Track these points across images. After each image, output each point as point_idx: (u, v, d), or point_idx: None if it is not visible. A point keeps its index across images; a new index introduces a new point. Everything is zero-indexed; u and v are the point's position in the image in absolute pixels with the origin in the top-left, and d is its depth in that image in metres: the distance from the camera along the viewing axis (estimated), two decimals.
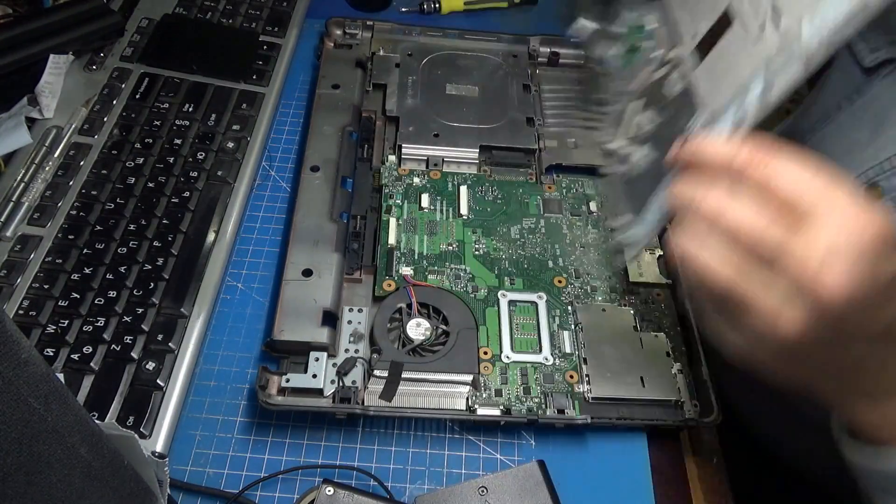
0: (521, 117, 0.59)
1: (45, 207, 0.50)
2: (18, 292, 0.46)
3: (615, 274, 0.51)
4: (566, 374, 0.46)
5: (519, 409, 0.44)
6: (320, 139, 0.55)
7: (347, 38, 0.64)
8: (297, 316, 0.45)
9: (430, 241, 0.51)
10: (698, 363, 0.46)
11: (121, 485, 0.32)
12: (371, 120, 0.59)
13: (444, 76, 0.62)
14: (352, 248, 0.50)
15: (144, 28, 0.63)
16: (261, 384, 0.42)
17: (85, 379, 0.43)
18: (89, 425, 0.28)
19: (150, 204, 0.51)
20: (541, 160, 0.58)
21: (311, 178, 0.52)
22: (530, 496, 0.40)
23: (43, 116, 0.56)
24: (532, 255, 0.52)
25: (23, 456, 0.23)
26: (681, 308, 0.50)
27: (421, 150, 0.56)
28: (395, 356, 0.45)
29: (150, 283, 0.47)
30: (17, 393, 0.22)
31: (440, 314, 0.47)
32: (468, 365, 0.45)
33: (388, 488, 0.42)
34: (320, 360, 0.44)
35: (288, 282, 0.46)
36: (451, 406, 0.44)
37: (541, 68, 0.65)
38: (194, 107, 0.58)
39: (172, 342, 0.45)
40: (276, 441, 0.44)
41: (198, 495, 0.42)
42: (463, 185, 0.55)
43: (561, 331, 0.48)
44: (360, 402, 0.43)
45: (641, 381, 0.45)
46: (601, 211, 0.55)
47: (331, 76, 0.59)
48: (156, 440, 0.42)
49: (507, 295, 0.49)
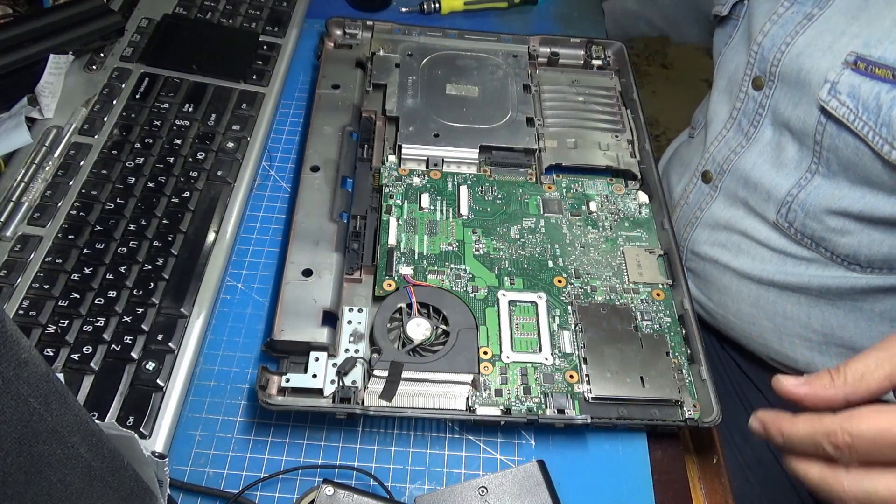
0: (521, 117, 0.59)
1: (45, 207, 0.50)
2: (18, 292, 0.46)
3: (615, 274, 0.51)
4: (566, 373, 0.46)
5: (519, 409, 0.44)
6: (320, 139, 0.54)
7: (347, 39, 0.64)
8: (297, 316, 0.45)
9: (430, 241, 0.51)
10: (698, 363, 0.47)
11: (121, 485, 0.32)
12: (371, 120, 0.59)
13: (444, 76, 0.62)
14: (352, 248, 0.50)
15: (144, 28, 0.63)
16: (261, 384, 0.42)
17: (85, 379, 0.43)
18: (89, 425, 0.28)
19: (150, 204, 0.51)
20: (541, 160, 0.58)
21: (311, 179, 0.52)
22: (530, 496, 0.40)
23: (43, 116, 0.56)
24: (532, 255, 0.52)
25: (23, 456, 0.23)
26: (680, 308, 0.50)
27: (421, 151, 0.56)
28: (395, 356, 0.45)
29: (150, 283, 0.47)
30: (17, 393, 0.22)
31: (440, 314, 0.47)
32: (468, 365, 0.45)
33: (388, 488, 0.42)
34: (320, 360, 0.44)
35: (288, 282, 0.46)
36: (451, 406, 0.44)
37: (541, 68, 0.65)
38: (194, 107, 0.58)
39: (172, 342, 0.45)
40: (275, 441, 0.44)
41: (197, 495, 0.42)
42: (463, 185, 0.55)
43: (561, 331, 0.48)
44: (360, 402, 0.43)
45: (641, 381, 0.45)
46: (600, 211, 0.55)
47: (331, 76, 0.59)
48: (156, 440, 0.42)
49: (507, 295, 0.49)
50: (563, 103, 0.62)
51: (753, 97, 0.59)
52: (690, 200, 0.67)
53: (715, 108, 0.65)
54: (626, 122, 0.61)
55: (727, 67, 0.64)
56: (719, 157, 0.63)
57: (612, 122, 0.61)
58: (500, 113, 0.60)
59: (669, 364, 0.47)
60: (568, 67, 0.66)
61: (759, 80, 0.58)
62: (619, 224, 0.55)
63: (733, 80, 0.62)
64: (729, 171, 0.62)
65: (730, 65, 0.64)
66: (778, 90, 0.57)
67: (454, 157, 0.57)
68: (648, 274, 0.51)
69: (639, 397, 0.45)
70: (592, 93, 0.63)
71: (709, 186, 0.64)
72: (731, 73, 0.63)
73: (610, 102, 0.63)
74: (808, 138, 0.54)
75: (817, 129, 0.53)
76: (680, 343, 0.48)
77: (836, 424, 0.32)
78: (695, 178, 0.66)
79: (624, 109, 0.62)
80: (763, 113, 0.59)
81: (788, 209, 0.57)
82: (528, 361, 0.46)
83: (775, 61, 0.56)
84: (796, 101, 0.55)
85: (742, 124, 0.61)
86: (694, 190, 0.66)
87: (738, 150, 0.61)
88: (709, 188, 0.64)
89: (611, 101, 0.63)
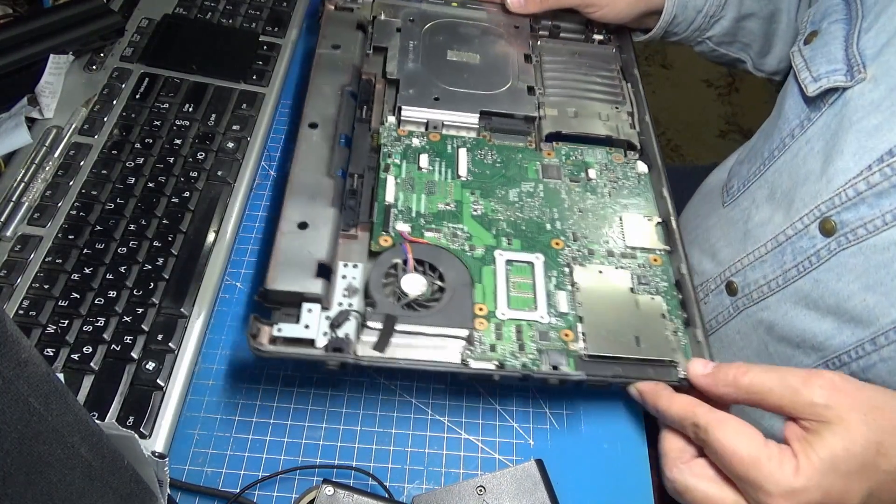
0: (521, 86, 0.59)
1: (45, 207, 0.51)
2: (18, 292, 0.46)
3: (613, 239, 0.51)
4: (562, 332, 0.45)
5: (513, 365, 0.43)
6: (319, 97, 0.53)
7: (349, 2, 0.63)
8: (290, 266, 0.44)
9: (428, 200, 0.51)
10: (694, 325, 0.46)
11: (121, 485, 0.32)
12: (371, 83, 0.59)
13: (445, 42, 0.62)
14: (348, 206, 0.50)
15: (144, 28, 0.63)
16: (252, 333, 0.41)
17: (85, 379, 0.43)
18: (89, 425, 0.28)
19: (150, 204, 0.51)
20: (541, 128, 0.57)
21: (309, 135, 0.51)
22: (528, 495, 0.40)
23: (43, 116, 0.56)
24: (530, 218, 0.52)
25: (23, 456, 0.23)
26: (677, 274, 0.49)
27: (421, 113, 0.56)
28: (389, 309, 0.44)
29: (150, 283, 0.47)
30: (17, 393, 0.22)
31: (436, 271, 0.47)
32: (463, 320, 0.44)
33: (387, 487, 0.42)
34: (313, 312, 0.43)
35: (283, 233, 0.45)
36: (444, 359, 0.43)
37: (542, 40, 0.65)
38: (194, 107, 0.58)
39: (172, 342, 0.45)
40: (274, 440, 0.44)
41: (196, 495, 0.42)
42: (462, 148, 0.55)
43: (557, 291, 0.47)
44: (353, 352, 0.42)
45: (636, 342, 0.45)
46: (599, 178, 0.55)
47: (331, 37, 0.58)
48: (156, 440, 0.42)
49: (505, 254, 0.49)
50: (564, 74, 0.62)
51: (812, 237, 0.49)
52: (709, 302, 0.59)
53: (768, 211, 0.54)
54: (626, 95, 0.61)
55: (796, 164, 0.52)
56: (751, 278, 0.54)
57: (612, 94, 0.61)
58: (501, 80, 0.60)
59: (664, 326, 0.46)
60: (569, 41, 0.66)
61: (829, 224, 0.47)
62: (618, 191, 0.54)
63: (797, 190, 0.51)
64: (756, 304, 0.54)
65: (801, 166, 0.51)
66: (850, 254, 0.46)
67: (454, 121, 0.56)
68: (646, 240, 0.51)
69: (634, 357, 0.44)
70: (593, 65, 0.63)
71: (731, 301, 0.56)
72: (797, 177, 0.51)
73: (611, 76, 0.63)
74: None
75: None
76: (676, 307, 0.48)
77: (704, 420, 0.38)
78: (720, 281, 0.57)
79: (624, 83, 0.62)
80: (815, 264, 0.49)
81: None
82: (524, 319, 0.45)
83: (870, 225, 0.45)
84: (868, 283, 0.45)
85: (785, 256, 0.51)
86: (714, 293, 0.58)
87: (772, 286, 0.52)
88: (731, 303, 0.56)
89: (612, 75, 0.63)
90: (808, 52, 0.52)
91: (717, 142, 1.74)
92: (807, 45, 0.53)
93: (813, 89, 0.50)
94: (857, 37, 0.49)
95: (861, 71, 0.48)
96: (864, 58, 0.48)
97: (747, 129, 1.77)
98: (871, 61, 0.48)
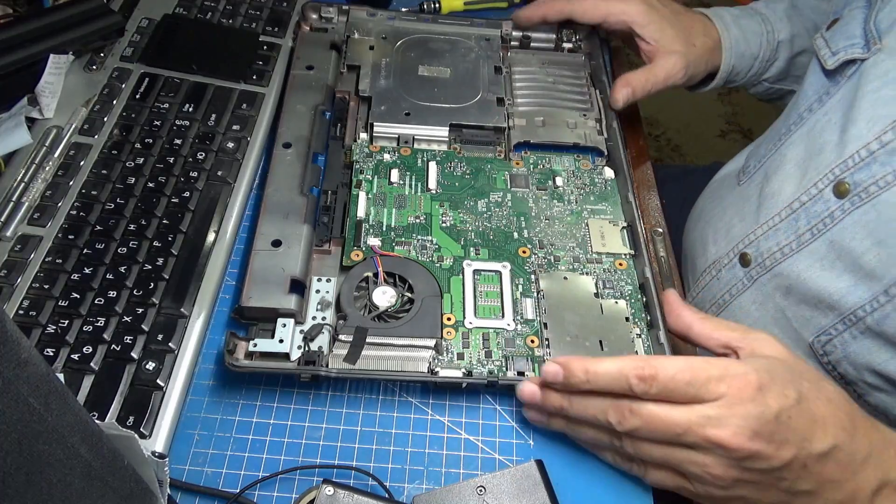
0: (491, 97, 0.61)
1: (45, 207, 0.50)
2: (18, 292, 0.46)
3: (579, 245, 0.52)
4: (527, 338, 0.47)
5: (480, 372, 0.45)
6: (293, 117, 0.56)
7: (323, 23, 0.65)
8: (265, 284, 0.46)
9: (399, 214, 0.53)
10: (657, 328, 0.47)
11: (121, 485, 0.32)
12: (345, 100, 0.60)
13: (416, 58, 0.63)
14: (322, 222, 0.52)
15: (144, 28, 0.63)
16: (228, 349, 0.43)
17: (85, 379, 0.43)
18: (89, 425, 0.28)
19: (150, 204, 0.51)
20: (510, 138, 0.59)
21: (282, 154, 0.53)
22: (528, 496, 0.40)
23: (43, 116, 0.56)
24: (498, 228, 0.53)
25: (23, 456, 0.23)
26: (641, 277, 0.51)
27: (392, 129, 0.58)
28: (360, 322, 0.46)
29: (150, 283, 0.47)
30: (17, 393, 0.22)
31: (406, 283, 0.49)
32: (431, 330, 0.46)
33: (387, 487, 0.42)
34: (287, 327, 0.45)
35: (257, 252, 0.47)
36: (413, 369, 0.45)
37: (512, 51, 0.67)
38: (194, 107, 0.58)
39: (172, 342, 0.45)
40: (274, 440, 0.44)
41: (196, 495, 0.42)
42: (432, 161, 0.56)
43: (524, 298, 0.49)
44: (325, 364, 0.44)
45: (600, 345, 0.47)
46: (566, 185, 0.56)
47: (305, 57, 0.61)
48: (156, 440, 0.42)
49: (472, 264, 0.50)
50: (534, 83, 0.63)
51: (826, 200, 0.50)
52: (721, 278, 0.59)
53: (781, 181, 0.55)
54: (594, 102, 0.62)
55: (812, 136, 0.53)
56: (764, 247, 0.55)
57: (580, 102, 0.62)
58: (471, 93, 0.61)
59: (629, 329, 0.48)
60: (539, 50, 0.68)
61: (843, 187, 0.48)
62: (585, 198, 0.56)
63: (812, 160, 0.52)
64: (770, 271, 0.54)
65: (817, 137, 0.52)
66: (862, 212, 0.47)
67: (425, 135, 0.58)
68: (611, 245, 0.53)
69: None
70: (562, 73, 0.65)
71: (745, 272, 0.57)
72: (813, 148, 0.53)
73: (579, 83, 0.64)
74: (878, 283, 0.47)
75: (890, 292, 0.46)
76: (640, 310, 0.49)
77: (641, 362, 0.37)
78: (732, 255, 0.58)
79: (593, 90, 0.64)
80: (829, 225, 0.50)
81: (829, 341, 0.51)
82: (491, 327, 0.47)
83: (882, 182, 0.46)
84: (880, 237, 0.46)
85: (799, 222, 0.52)
86: (727, 268, 0.59)
87: (785, 251, 0.53)
88: (744, 274, 0.57)
89: (580, 82, 0.64)
90: (829, 35, 0.54)
91: (717, 142, 1.74)
92: (828, 31, 0.55)
93: (832, 62, 0.52)
94: (876, 15, 0.51)
95: (876, 42, 0.49)
96: (880, 31, 0.49)
97: (747, 129, 1.77)
98: (886, 33, 0.49)
